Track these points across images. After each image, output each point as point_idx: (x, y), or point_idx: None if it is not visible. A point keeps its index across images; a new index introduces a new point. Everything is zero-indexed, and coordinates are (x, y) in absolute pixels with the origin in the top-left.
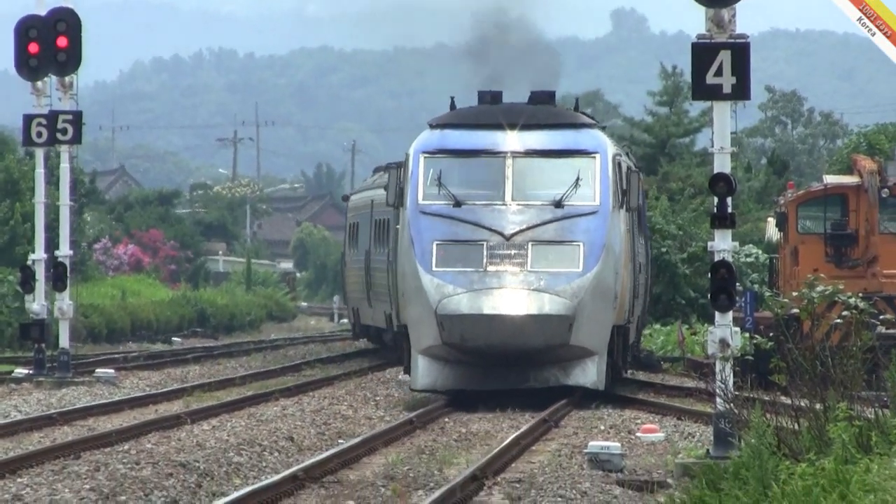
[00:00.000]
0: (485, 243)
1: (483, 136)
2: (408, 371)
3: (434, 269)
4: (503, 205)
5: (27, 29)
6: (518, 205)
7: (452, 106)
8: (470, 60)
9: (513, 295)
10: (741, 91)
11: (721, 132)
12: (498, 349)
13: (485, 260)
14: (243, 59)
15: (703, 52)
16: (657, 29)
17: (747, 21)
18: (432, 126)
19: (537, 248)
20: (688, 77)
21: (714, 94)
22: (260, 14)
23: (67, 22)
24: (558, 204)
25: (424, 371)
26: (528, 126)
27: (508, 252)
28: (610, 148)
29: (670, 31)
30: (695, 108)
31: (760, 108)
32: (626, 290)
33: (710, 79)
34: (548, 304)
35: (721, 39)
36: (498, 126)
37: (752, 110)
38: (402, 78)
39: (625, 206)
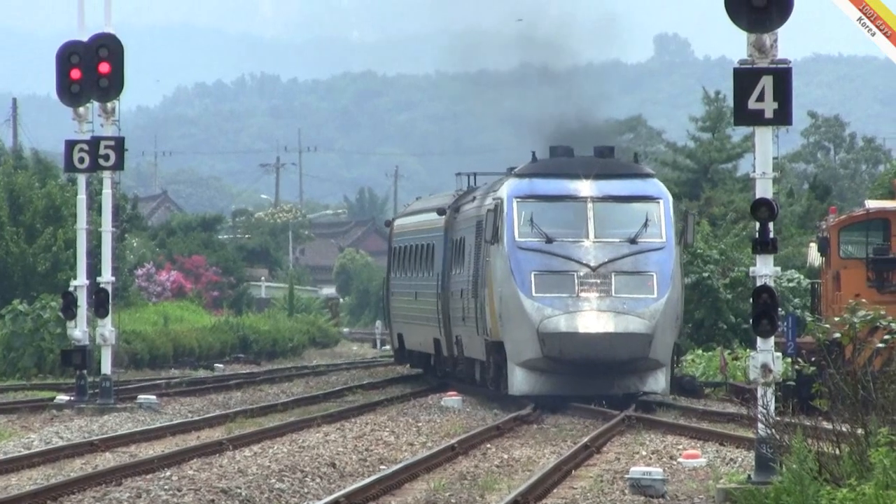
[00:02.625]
0: (575, 273)
1: (565, 184)
2: (494, 382)
3: (534, 294)
4: (587, 241)
5: (69, 55)
6: (599, 241)
7: (534, 158)
8: (514, 87)
9: (603, 316)
10: (783, 116)
11: (763, 157)
12: (591, 361)
13: (576, 287)
14: (286, 83)
15: (744, 78)
16: (700, 54)
17: (789, 46)
18: (518, 175)
19: (619, 277)
20: (730, 102)
21: (756, 119)
22: (304, 39)
23: (109, 48)
24: (633, 241)
25: (522, 379)
26: (601, 176)
27: (595, 281)
28: (669, 194)
29: (713, 56)
30: (737, 133)
31: (803, 134)
32: (681, 314)
33: (752, 104)
34: (632, 325)
35: (763, 65)
36: (576, 176)
37: (795, 136)
38: (445, 103)
39: (682, 244)
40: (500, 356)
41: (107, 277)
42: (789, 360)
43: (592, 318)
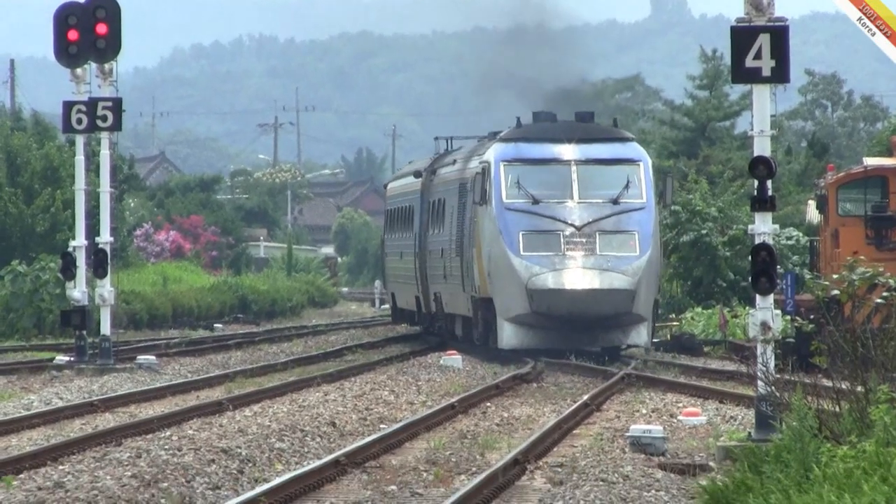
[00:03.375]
0: (561, 233)
1: (550, 148)
2: (482, 337)
3: (522, 253)
4: (572, 202)
5: (66, 16)
6: (583, 202)
7: (519, 123)
8: (508, 46)
9: (588, 273)
10: (780, 74)
11: (761, 115)
12: (577, 316)
13: (562, 246)
14: (284, 44)
15: (742, 36)
16: (697, 12)
17: (787, 4)
18: (504, 139)
19: (602, 236)
20: (728, 60)
21: (753, 77)
22: None
23: (107, 9)
24: (615, 201)
25: (511, 334)
26: (583, 140)
27: (580, 239)
28: (648, 157)
29: (710, 14)
30: (735, 91)
31: (800, 92)
32: (660, 271)
33: (750, 62)
34: (616, 281)
35: (760, 23)
36: (560, 140)
37: (792, 93)
38: (442, 62)
39: (661, 203)
40: (488, 312)
41: (105, 238)
42: (788, 317)
43: (578, 275)
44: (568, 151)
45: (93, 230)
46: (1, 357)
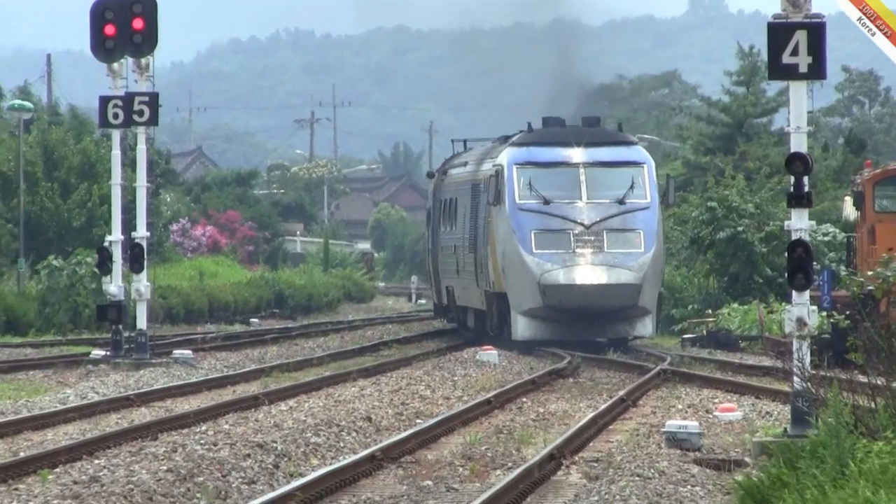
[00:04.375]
0: (571, 231)
1: (559, 151)
2: (497, 329)
3: (534, 250)
4: (581, 202)
5: (103, 11)
6: (591, 202)
7: (530, 128)
8: (546, 42)
9: (597, 269)
10: (817, 70)
11: (797, 112)
12: (586, 309)
13: (572, 243)
14: (320, 39)
15: (778, 32)
16: (734, 7)
17: (823, 0)
18: (516, 144)
19: (610, 234)
20: (765, 57)
21: (790, 73)
22: None
23: (143, 3)
24: (621, 201)
25: (524, 326)
26: (591, 143)
27: (589, 237)
28: (651, 160)
29: (747, 10)
30: (772, 87)
31: (837, 89)
32: (664, 266)
33: (786, 58)
34: (623, 276)
35: (797, 19)
36: (568, 144)
37: (829, 90)
38: (480, 57)
39: (664, 203)
40: (502, 306)
41: (142, 232)
42: (824, 313)
43: (587, 270)
44: (576, 155)
45: (129, 225)
46: (37, 351)
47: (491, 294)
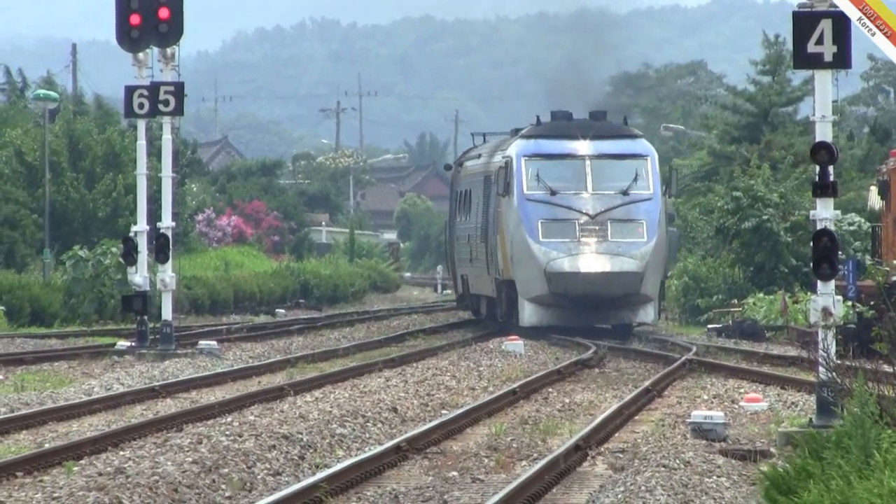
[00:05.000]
0: (576, 221)
1: (566, 144)
2: (506, 315)
3: (541, 239)
4: (586, 193)
5: (129, 0)
6: (596, 193)
7: (538, 122)
8: (571, 31)
9: (601, 258)
10: (842, 60)
11: (822, 101)
12: (591, 296)
13: (577, 233)
14: (346, 28)
15: (803, 21)
16: None
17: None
18: (525, 136)
19: (614, 224)
20: (790, 46)
21: (815, 62)
22: None
23: None
24: (625, 192)
25: (531, 312)
26: (596, 136)
27: (594, 227)
28: (655, 152)
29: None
30: (797, 76)
31: (862, 77)
32: (666, 255)
33: (812, 48)
34: (626, 264)
35: (822, 8)
36: (575, 136)
37: (855, 79)
38: (505, 47)
39: (666, 194)
40: (511, 293)
41: (167, 223)
42: (850, 303)
43: (592, 259)
44: (582, 147)
45: (154, 215)
46: (62, 342)
47: (500, 281)
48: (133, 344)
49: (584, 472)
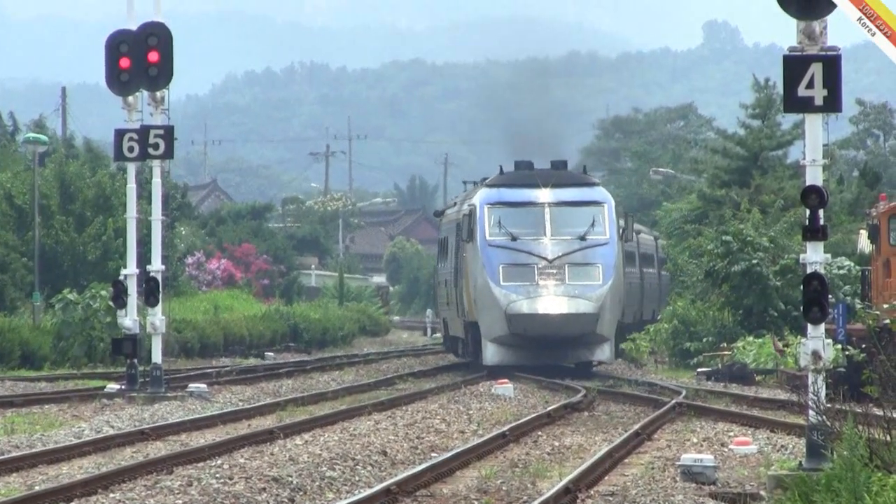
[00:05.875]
0: (535, 265)
1: (527, 192)
2: (472, 355)
3: (502, 283)
4: (545, 238)
5: (118, 44)
6: (555, 239)
7: (501, 171)
8: (562, 76)
9: (558, 300)
10: (833, 103)
11: (813, 144)
12: (549, 336)
13: (536, 276)
14: (335, 72)
15: (794, 65)
16: (750, 41)
17: (839, 33)
18: (489, 185)
19: (571, 268)
20: (780, 89)
21: (805, 106)
22: (352, 27)
23: (158, 36)
24: (582, 238)
25: (493, 352)
26: (556, 185)
27: (552, 271)
28: (612, 200)
29: (763, 43)
30: (787, 120)
31: (852, 122)
32: (623, 297)
33: (802, 91)
34: (582, 306)
35: (813, 52)
36: (536, 185)
37: (844, 123)
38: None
39: (623, 238)
40: (476, 333)
41: (157, 266)
42: (840, 347)
43: (550, 301)
44: (542, 195)
45: (144, 258)
46: (52, 385)
47: (467, 323)
48: (123, 387)
49: None
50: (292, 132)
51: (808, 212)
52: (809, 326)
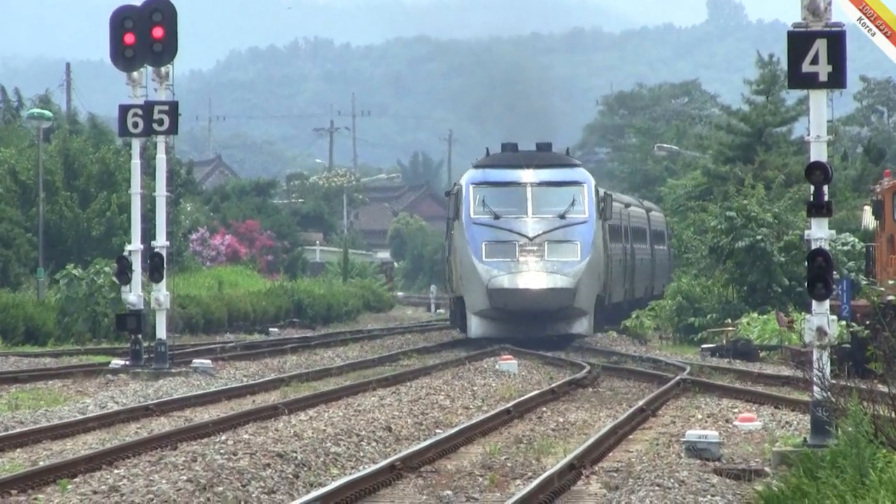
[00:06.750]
0: (516, 242)
1: (510, 173)
2: (460, 327)
3: (484, 259)
4: (527, 217)
5: (123, 20)
6: (536, 217)
7: (488, 153)
8: (564, 51)
9: (537, 276)
10: (837, 79)
11: (817, 121)
12: (528, 310)
13: (517, 253)
14: (339, 48)
15: (798, 41)
16: (754, 17)
17: (844, 9)
18: (476, 166)
19: (550, 245)
20: (784, 66)
21: (810, 82)
22: (356, 4)
23: (163, 12)
24: (562, 216)
25: (477, 325)
26: (539, 166)
27: (532, 248)
28: (592, 180)
29: (767, 19)
30: (791, 96)
31: (856, 98)
32: (603, 273)
33: (806, 67)
34: (560, 281)
35: (817, 28)
36: (519, 166)
37: (848, 99)
38: (499, 67)
39: (602, 218)
40: (463, 307)
41: (161, 242)
42: (844, 323)
43: (530, 277)
44: (525, 175)
45: (148, 234)
46: (56, 361)
47: (455, 297)
48: (127, 362)
49: (579, 492)
50: (296, 108)
51: (812, 188)
52: (814, 302)
